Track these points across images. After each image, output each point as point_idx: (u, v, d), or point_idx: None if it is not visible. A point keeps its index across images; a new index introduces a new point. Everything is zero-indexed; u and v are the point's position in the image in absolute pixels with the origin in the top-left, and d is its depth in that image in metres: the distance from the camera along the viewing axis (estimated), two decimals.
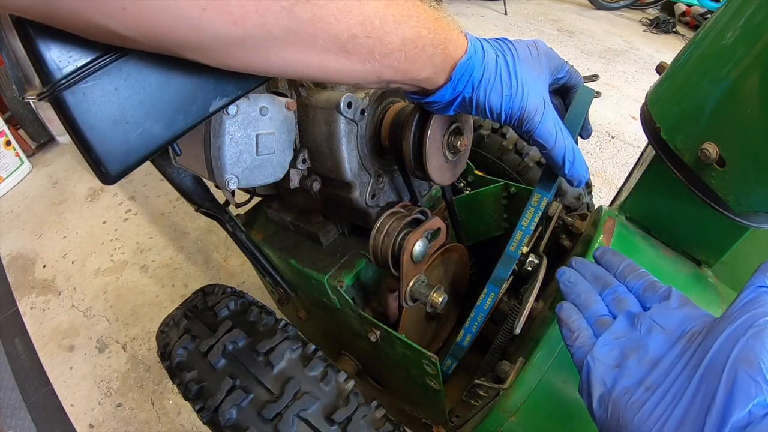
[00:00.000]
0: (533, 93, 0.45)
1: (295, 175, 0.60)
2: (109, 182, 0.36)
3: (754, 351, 0.27)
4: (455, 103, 0.45)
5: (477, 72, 0.42)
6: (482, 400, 0.63)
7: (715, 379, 0.28)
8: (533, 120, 0.45)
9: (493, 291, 0.59)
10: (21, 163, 2.07)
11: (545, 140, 0.46)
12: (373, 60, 0.37)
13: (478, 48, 0.43)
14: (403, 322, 0.64)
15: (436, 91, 0.43)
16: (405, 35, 0.37)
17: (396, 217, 0.57)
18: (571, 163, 0.48)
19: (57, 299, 1.52)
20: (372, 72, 0.38)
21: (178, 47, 0.31)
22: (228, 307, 0.65)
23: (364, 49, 0.35)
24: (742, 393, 0.26)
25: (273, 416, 0.52)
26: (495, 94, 0.43)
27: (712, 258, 0.61)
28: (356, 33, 0.34)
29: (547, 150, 0.47)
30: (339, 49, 0.35)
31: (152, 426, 1.16)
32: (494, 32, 3.20)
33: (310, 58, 0.34)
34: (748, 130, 0.43)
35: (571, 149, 0.47)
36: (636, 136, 2.08)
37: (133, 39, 0.29)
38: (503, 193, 0.72)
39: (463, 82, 0.42)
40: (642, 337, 0.34)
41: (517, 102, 0.44)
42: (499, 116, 0.45)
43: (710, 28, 0.48)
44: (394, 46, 0.36)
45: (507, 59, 0.44)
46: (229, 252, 1.60)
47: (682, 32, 3.32)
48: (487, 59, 0.43)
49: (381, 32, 0.35)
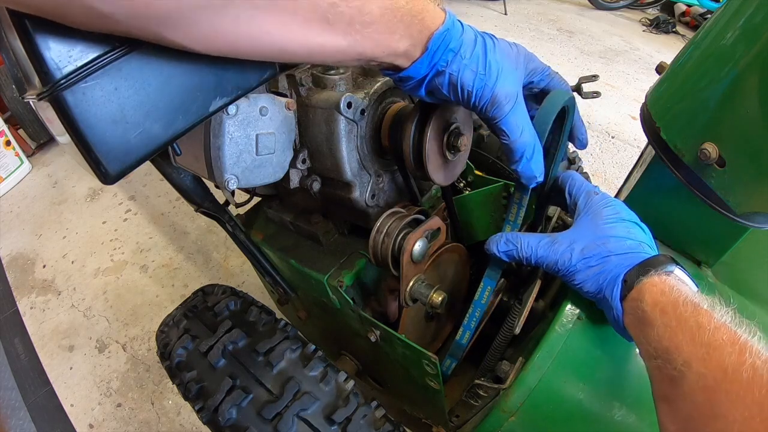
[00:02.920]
0: (508, 80, 0.45)
1: (295, 175, 0.60)
2: (108, 182, 0.36)
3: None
4: (427, 78, 0.44)
5: (454, 44, 0.42)
6: (482, 400, 0.63)
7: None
8: (503, 107, 0.44)
9: (489, 285, 0.59)
10: (21, 163, 2.06)
11: (510, 131, 0.46)
12: (354, 32, 0.37)
13: (456, 24, 0.43)
14: (403, 322, 0.64)
15: (411, 65, 0.43)
16: (384, 4, 0.37)
17: (396, 217, 0.57)
18: (528, 160, 0.48)
19: (57, 299, 1.52)
20: (353, 46, 0.38)
21: (159, 25, 0.30)
22: (228, 307, 0.65)
23: (345, 18, 0.36)
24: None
25: (273, 416, 0.52)
26: (469, 70, 0.43)
27: (712, 258, 0.61)
28: (336, 1, 0.35)
29: (509, 141, 0.47)
30: (320, 19, 0.35)
31: (152, 426, 1.16)
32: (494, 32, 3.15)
33: (292, 32, 0.35)
34: (748, 130, 0.43)
35: (532, 147, 0.47)
36: (636, 136, 2.08)
37: (114, 17, 0.28)
38: (503, 193, 0.72)
39: (439, 54, 0.42)
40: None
41: (490, 84, 0.44)
42: (469, 95, 0.44)
43: (710, 28, 0.48)
44: (374, 16, 0.37)
45: (486, 42, 0.44)
46: (229, 252, 1.60)
47: (682, 32, 3.32)
48: (465, 36, 0.43)
49: (360, 1, 0.36)
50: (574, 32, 3.21)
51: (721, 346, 0.34)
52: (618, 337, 0.52)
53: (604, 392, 0.53)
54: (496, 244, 0.53)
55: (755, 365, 0.31)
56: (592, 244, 0.47)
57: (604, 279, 0.46)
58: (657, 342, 0.38)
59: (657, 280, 0.42)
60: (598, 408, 0.52)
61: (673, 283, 0.42)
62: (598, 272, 0.46)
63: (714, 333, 0.35)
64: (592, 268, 0.47)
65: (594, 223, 0.49)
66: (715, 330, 0.35)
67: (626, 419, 0.51)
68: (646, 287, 0.42)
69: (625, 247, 0.46)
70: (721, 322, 0.36)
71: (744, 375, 0.31)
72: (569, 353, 0.52)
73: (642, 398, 0.51)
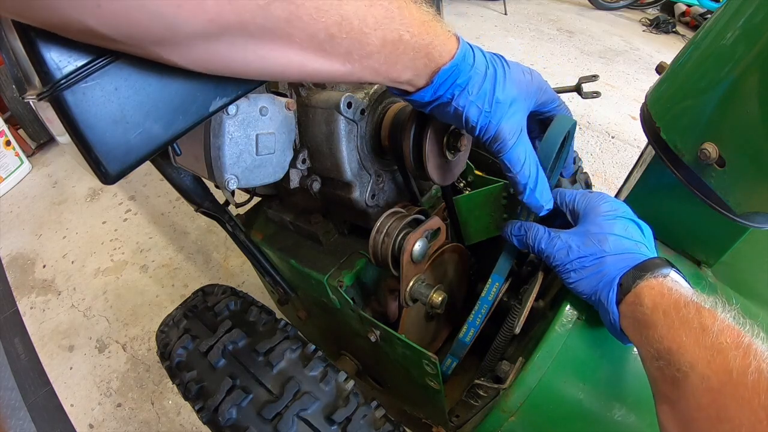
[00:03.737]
0: (513, 116, 0.45)
1: (295, 175, 0.60)
2: (108, 182, 0.36)
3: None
4: (433, 104, 0.44)
5: (461, 80, 0.42)
6: (482, 400, 0.62)
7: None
8: (506, 143, 0.45)
9: (498, 281, 0.59)
10: (21, 163, 2.06)
11: (512, 165, 0.46)
12: (353, 61, 0.37)
13: (468, 56, 0.42)
14: (403, 322, 0.64)
15: (417, 91, 0.43)
16: (385, 37, 0.36)
17: (396, 217, 0.57)
18: (531, 191, 0.48)
19: (57, 299, 1.52)
20: (351, 73, 0.38)
21: (155, 46, 0.31)
22: (228, 307, 0.65)
23: (343, 49, 0.35)
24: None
25: (273, 416, 0.52)
26: (474, 107, 0.43)
27: (712, 258, 0.61)
28: (334, 33, 0.34)
29: (513, 174, 0.47)
30: (317, 48, 0.34)
31: (152, 426, 1.16)
32: (494, 32, 3.20)
33: (288, 57, 0.34)
34: (748, 130, 0.43)
35: (534, 179, 0.48)
36: (636, 136, 2.08)
37: (112, 38, 0.29)
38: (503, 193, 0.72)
39: (445, 87, 0.42)
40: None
41: (494, 121, 0.44)
42: (473, 129, 0.45)
43: (710, 28, 0.48)
44: (374, 48, 0.36)
45: (497, 73, 0.43)
46: (229, 252, 1.60)
47: (682, 32, 3.32)
48: (476, 69, 0.42)
49: (360, 33, 0.35)
50: (574, 32, 3.21)
51: (726, 348, 0.34)
52: None
53: (603, 392, 0.53)
54: (510, 227, 0.54)
55: (760, 368, 0.31)
56: (588, 241, 0.47)
57: (599, 281, 0.46)
58: (659, 343, 0.38)
59: (654, 283, 0.42)
60: (597, 408, 0.52)
61: (671, 284, 0.42)
62: (593, 273, 0.46)
63: (718, 335, 0.35)
64: (587, 268, 0.47)
65: (591, 220, 0.48)
66: (720, 332, 0.35)
67: (626, 419, 0.51)
68: (644, 290, 0.42)
69: (621, 247, 0.46)
70: (725, 323, 0.36)
71: (749, 378, 0.31)
72: (569, 353, 0.52)
73: (642, 398, 0.51)
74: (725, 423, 0.31)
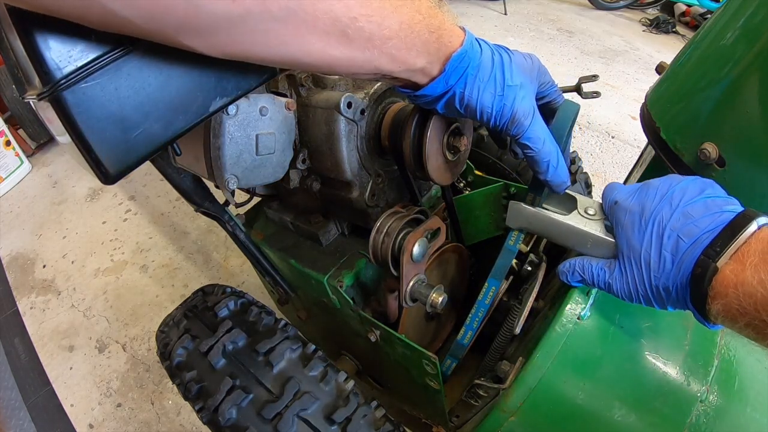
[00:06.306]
0: (526, 97, 0.45)
1: (295, 175, 0.60)
2: (109, 182, 0.36)
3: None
4: (445, 97, 0.44)
5: (472, 67, 0.42)
6: (482, 400, 0.63)
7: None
8: (523, 124, 0.45)
9: (494, 285, 0.59)
10: (21, 163, 2.06)
11: (534, 143, 0.46)
12: (372, 47, 0.37)
13: (474, 43, 0.43)
14: (403, 322, 0.64)
15: (428, 84, 0.43)
16: (402, 19, 0.37)
17: (396, 217, 0.57)
18: (555, 168, 0.48)
19: (57, 299, 1.52)
20: (370, 60, 0.38)
21: (176, 30, 0.30)
22: (228, 307, 0.65)
23: (365, 33, 0.36)
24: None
25: (273, 416, 0.52)
26: (488, 92, 0.43)
27: None
28: (356, 15, 0.34)
29: (534, 152, 0.47)
30: (339, 33, 0.35)
31: (152, 426, 1.16)
32: (494, 32, 3.20)
33: (310, 43, 0.35)
34: (748, 130, 0.43)
35: (556, 154, 0.47)
36: (636, 136, 2.08)
37: (134, 21, 0.28)
38: (503, 193, 0.72)
39: (457, 75, 0.42)
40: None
41: (509, 104, 0.44)
42: (489, 117, 0.45)
43: (710, 28, 0.48)
44: (392, 31, 0.37)
45: (503, 59, 0.44)
46: (229, 252, 1.60)
47: (682, 32, 3.32)
48: (484, 56, 0.43)
49: (380, 16, 0.35)
50: (573, 32, 3.21)
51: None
52: (618, 336, 0.53)
53: (603, 392, 0.53)
54: (566, 276, 0.50)
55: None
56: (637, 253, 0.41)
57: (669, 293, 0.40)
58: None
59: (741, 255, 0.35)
60: (598, 408, 0.52)
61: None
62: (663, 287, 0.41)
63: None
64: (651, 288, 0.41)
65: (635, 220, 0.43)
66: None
67: (626, 419, 0.51)
68: (729, 273, 0.35)
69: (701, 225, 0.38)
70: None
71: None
72: (569, 353, 0.52)
73: (642, 398, 0.51)
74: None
